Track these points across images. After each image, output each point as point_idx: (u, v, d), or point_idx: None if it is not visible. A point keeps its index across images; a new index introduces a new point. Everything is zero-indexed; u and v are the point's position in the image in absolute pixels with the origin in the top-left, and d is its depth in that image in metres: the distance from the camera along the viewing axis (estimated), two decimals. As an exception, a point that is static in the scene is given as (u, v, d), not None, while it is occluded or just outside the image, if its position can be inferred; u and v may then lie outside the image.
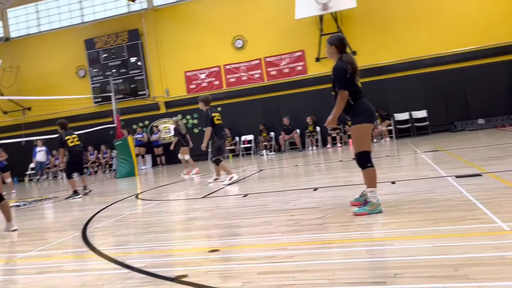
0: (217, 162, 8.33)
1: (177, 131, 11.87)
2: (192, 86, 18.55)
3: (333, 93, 4.28)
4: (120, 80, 19.13)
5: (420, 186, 5.27)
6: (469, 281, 2.24)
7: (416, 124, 15.98)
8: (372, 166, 4.16)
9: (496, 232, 3.04)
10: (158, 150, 17.96)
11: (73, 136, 9.51)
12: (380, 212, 4.06)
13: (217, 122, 8.29)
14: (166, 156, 17.92)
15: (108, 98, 17.33)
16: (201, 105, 8.43)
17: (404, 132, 16.12)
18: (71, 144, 9.35)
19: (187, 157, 11.42)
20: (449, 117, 15.75)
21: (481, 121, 15.18)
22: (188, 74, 18.58)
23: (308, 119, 16.51)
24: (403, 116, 16.18)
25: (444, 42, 15.54)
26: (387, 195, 4.89)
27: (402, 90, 16.20)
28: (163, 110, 19.06)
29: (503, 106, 14.93)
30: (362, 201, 4.29)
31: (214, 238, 4.08)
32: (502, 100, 15.00)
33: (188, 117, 18.62)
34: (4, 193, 5.89)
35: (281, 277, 2.67)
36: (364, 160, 4.17)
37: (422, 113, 15.93)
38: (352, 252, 3.07)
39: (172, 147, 12.02)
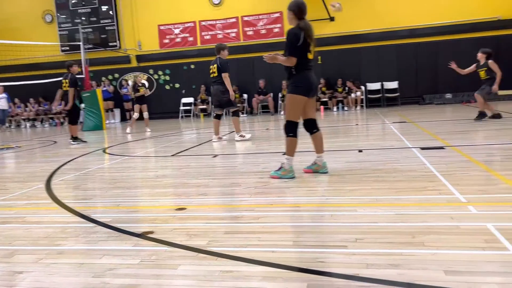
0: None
1: (144, 86, 12.23)
2: (166, 41, 17.99)
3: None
4: (90, 29, 18.31)
5: (386, 156, 5.41)
6: (425, 248, 2.36)
7: (387, 95, 16.22)
8: (293, 136, 4.36)
9: (453, 203, 3.18)
10: (128, 105, 17.30)
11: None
12: (292, 178, 4.34)
13: (210, 75, 8.21)
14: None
15: (77, 47, 16.63)
16: None
17: (375, 102, 16.35)
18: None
19: (136, 115, 11.95)
20: (419, 89, 16.05)
21: (448, 95, 15.56)
22: (162, 28, 17.97)
23: (284, 83, 16.44)
24: (375, 86, 16.36)
25: (419, 14, 15.56)
26: (354, 163, 5.02)
27: (376, 60, 16.29)
28: (134, 63, 18.49)
29: (469, 83, 15.22)
30: (314, 169, 4.54)
31: (181, 196, 4.10)
32: (470, 77, 15.11)
33: (160, 72, 18.17)
34: None
35: (247, 237, 2.73)
36: (288, 128, 4.37)
37: (393, 84, 16.14)
38: (317, 216, 3.17)
39: (138, 94, 12.03)
